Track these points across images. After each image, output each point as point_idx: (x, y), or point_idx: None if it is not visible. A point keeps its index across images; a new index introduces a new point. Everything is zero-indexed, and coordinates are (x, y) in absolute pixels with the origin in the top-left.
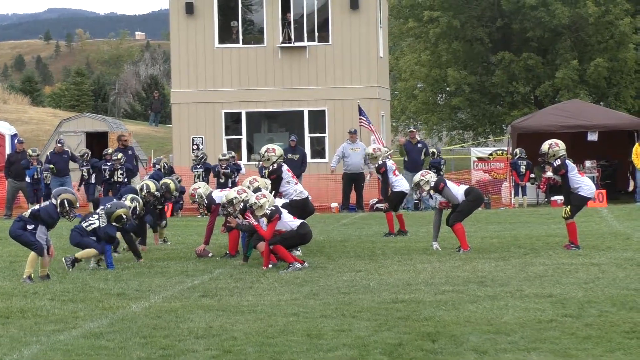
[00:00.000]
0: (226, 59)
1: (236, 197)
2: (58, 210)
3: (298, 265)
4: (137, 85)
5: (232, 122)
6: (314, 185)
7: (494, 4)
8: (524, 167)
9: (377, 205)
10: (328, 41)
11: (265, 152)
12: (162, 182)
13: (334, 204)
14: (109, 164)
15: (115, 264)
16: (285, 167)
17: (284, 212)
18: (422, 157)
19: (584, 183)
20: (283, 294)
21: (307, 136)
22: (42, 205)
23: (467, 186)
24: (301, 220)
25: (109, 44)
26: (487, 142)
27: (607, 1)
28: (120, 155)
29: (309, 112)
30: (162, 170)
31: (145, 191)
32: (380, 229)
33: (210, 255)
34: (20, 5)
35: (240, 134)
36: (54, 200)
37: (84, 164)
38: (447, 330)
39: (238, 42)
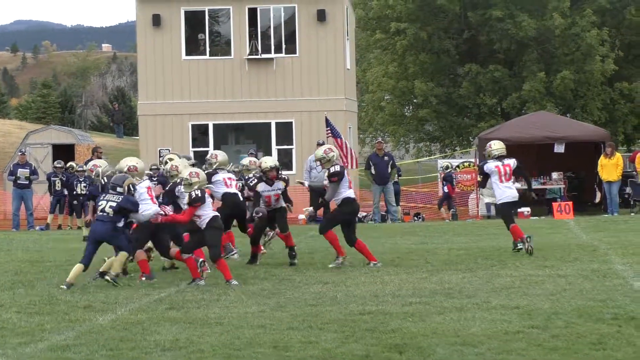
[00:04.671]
0: (193, 70)
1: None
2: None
3: (202, 282)
4: (104, 97)
5: (200, 134)
6: None
7: (460, 16)
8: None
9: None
10: (295, 53)
11: (209, 157)
12: None
13: (301, 216)
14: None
15: (82, 276)
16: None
17: (209, 201)
18: (389, 169)
19: (500, 190)
20: (250, 306)
21: (275, 148)
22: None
23: (348, 196)
24: (214, 214)
25: (75, 56)
26: (454, 154)
27: (573, 13)
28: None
29: (276, 123)
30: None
31: None
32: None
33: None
34: None
35: (208, 146)
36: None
37: (59, 175)
38: (414, 341)
39: (205, 54)
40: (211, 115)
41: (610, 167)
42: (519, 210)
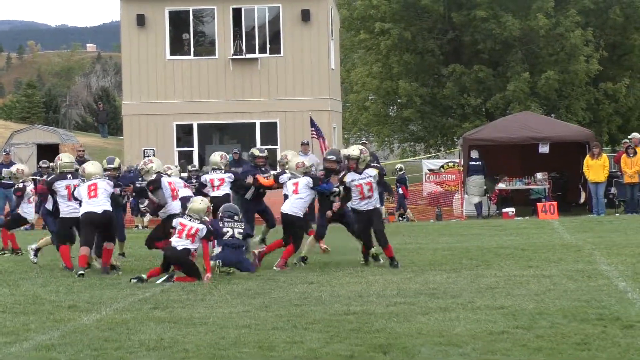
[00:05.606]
0: (177, 70)
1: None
2: None
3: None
4: (89, 97)
5: (184, 134)
6: (266, 197)
7: (444, 16)
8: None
9: None
10: (280, 53)
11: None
12: None
13: None
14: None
15: (66, 276)
16: (165, 179)
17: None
18: None
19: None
20: (235, 306)
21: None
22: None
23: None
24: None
25: (60, 56)
26: (438, 154)
27: (557, 13)
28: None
29: (261, 123)
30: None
31: None
32: (332, 241)
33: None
34: None
35: (192, 146)
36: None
37: (44, 175)
38: (399, 342)
39: (189, 54)
40: (195, 115)
41: (596, 168)
42: (503, 210)
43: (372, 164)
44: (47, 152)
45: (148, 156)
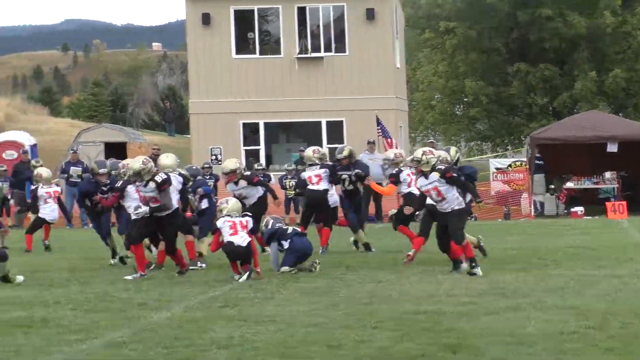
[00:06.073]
0: (243, 69)
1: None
2: None
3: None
4: (155, 95)
5: (250, 132)
6: None
7: (510, 14)
8: None
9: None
10: (345, 52)
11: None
12: None
13: None
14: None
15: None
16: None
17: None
18: None
19: None
20: (303, 305)
21: (325, 147)
22: None
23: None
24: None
25: (126, 55)
26: (505, 153)
27: (625, 12)
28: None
29: (327, 122)
30: None
31: None
32: (401, 239)
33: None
34: (36, 16)
35: (259, 145)
36: None
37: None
38: (469, 341)
39: (255, 53)
40: (262, 113)
41: None
42: (572, 209)
43: (438, 167)
44: (115, 150)
45: (215, 155)
